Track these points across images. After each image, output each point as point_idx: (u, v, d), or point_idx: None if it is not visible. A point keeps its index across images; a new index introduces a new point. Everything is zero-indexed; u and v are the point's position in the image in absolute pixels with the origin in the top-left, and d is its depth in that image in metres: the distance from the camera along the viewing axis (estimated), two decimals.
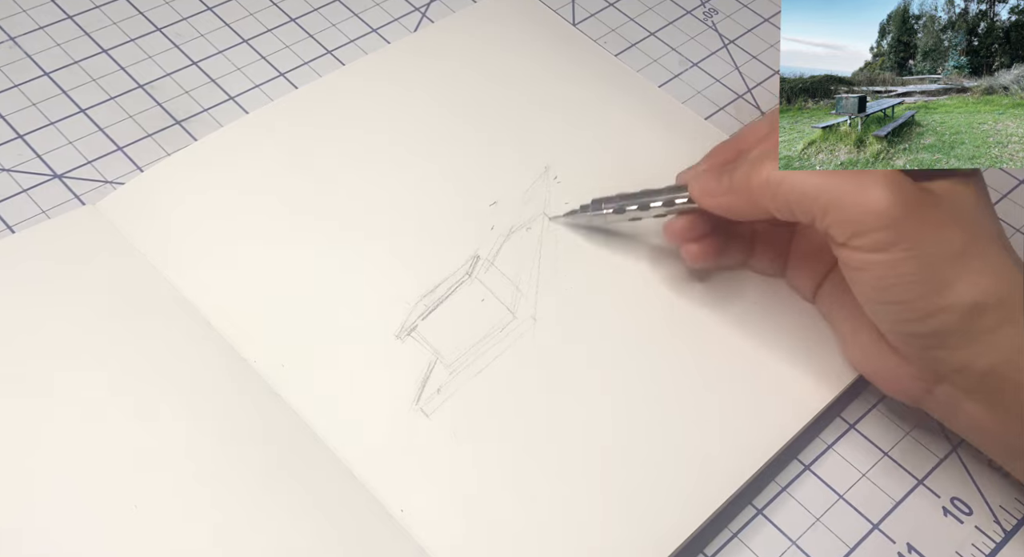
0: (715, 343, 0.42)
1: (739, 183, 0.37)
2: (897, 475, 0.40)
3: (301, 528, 0.36)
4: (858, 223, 0.34)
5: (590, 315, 0.42)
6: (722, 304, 0.43)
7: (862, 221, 0.34)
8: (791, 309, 0.43)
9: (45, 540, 0.35)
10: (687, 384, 0.41)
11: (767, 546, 0.38)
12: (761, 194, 0.36)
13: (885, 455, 0.41)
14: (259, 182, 0.45)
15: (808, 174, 0.35)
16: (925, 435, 0.42)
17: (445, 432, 0.39)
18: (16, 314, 0.40)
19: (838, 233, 0.35)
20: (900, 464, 0.41)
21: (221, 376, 0.39)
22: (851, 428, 0.42)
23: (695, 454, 0.39)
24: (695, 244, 0.41)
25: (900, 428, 0.42)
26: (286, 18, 0.54)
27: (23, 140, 0.47)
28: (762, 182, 0.36)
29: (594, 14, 0.56)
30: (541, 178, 0.47)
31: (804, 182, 0.35)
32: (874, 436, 0.41)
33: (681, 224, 0.41)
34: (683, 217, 0.41)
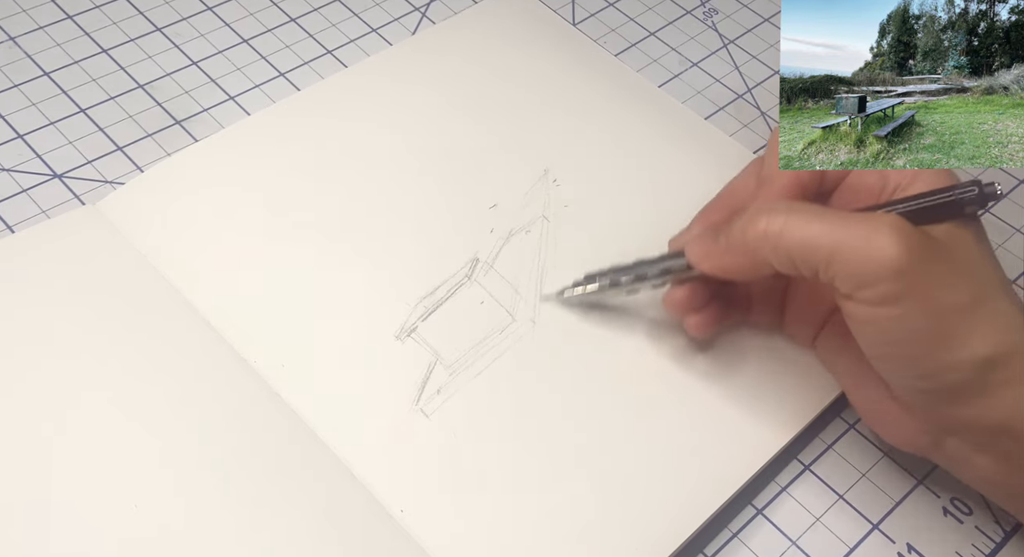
0: (716, 342, 0.42)
1: (737, 240, 0.35)
2: (897, 475, 0.40)
3: (301, 528, 0.36)
4: (864, 274, 0.32)
5: (589, 318, 0.42)
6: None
7: (869, 272, 0.32)
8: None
9: (45, 539, 0.35)
10: (687, 384, 0.41)
11: (767, 546, 0.38)
12: (761, 248, 0.35)
13: (885, 455, 0.41)
14: (259, 182, 0.45)
15: (809, 222, 0.33)
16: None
17: (445, 432, 0.39)
18: (16, 314, 0.40)
19: (843, 285, 0.33)
20: (900, 464, 0.41)
21: (221, 376, 0.39)
22: (851, 428, 0.42)
23: (695, 454, 0.39)
24: (697, 315, 0.39)
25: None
26: (286, 18, 0.54)
27: (23, 140, 0.47)
28: (760, 236, 0.34)
29: (594, 14, 0.56)
30: (541, 181, 0.47)
31: (805, 231, 0.33)
32: (874, 436, 0.41)
33: (681, 295, 0.39)
34: (682, 287, 0.39)
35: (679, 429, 0.39)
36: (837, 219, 0.33)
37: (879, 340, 0.34)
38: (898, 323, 0.33)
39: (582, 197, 0.46)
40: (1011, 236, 0.48)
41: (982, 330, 0.33)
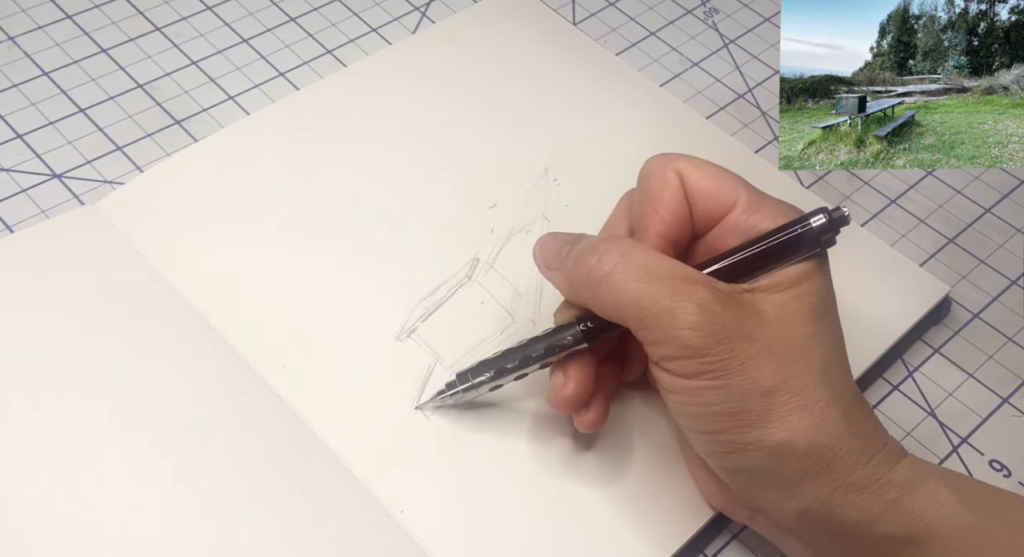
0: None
1: (569, 266, 0.35)
2: None
3: (301, 528, 0.36)
4: (665, 346, 0.32)
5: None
6: None
7: (668, 345, 0.32)
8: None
9: (45, 539, 0.35)
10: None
11: (767, 546, 0.38)
12: (583, 288, 0.34)
13: None
14: (259, 183, 0.45)
15: (629, 281, 0.33)
16: (925, 435, 0.42)
17: (445, 433, 0.39)
18: (16, 314, 0.40)
19: (651, 352, 0.33)
20: None
21: (221, 376, 0.39)
22: None
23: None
24: (588, 411, 0.37)
25: (901, 428, 0.42)
26: (286, 18, 0.54)
27: (23, 140, 0.47)
28: (584, 276, 0.34)
29: (594, 14, 0.56)
30: (541, 180, 0.47)
31: (622, 291, 0.33)
32: None
33: (569, 394, 0.36)
34: (568, 385, 0.36)
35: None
36: (657, 284, 0.32)
37: (680, 410, 0.34)
38: (695, 397, 0.32)
39: (582, 197, 0.46)
40: (1012, 236, 0.48)
41: (780, 414, 0.32)
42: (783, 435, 0.32)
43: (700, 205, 0.36)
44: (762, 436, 0.32)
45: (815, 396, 0.32)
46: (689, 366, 0.32)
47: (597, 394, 0.37)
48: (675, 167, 0.36)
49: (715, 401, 0.32)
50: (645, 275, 0.33)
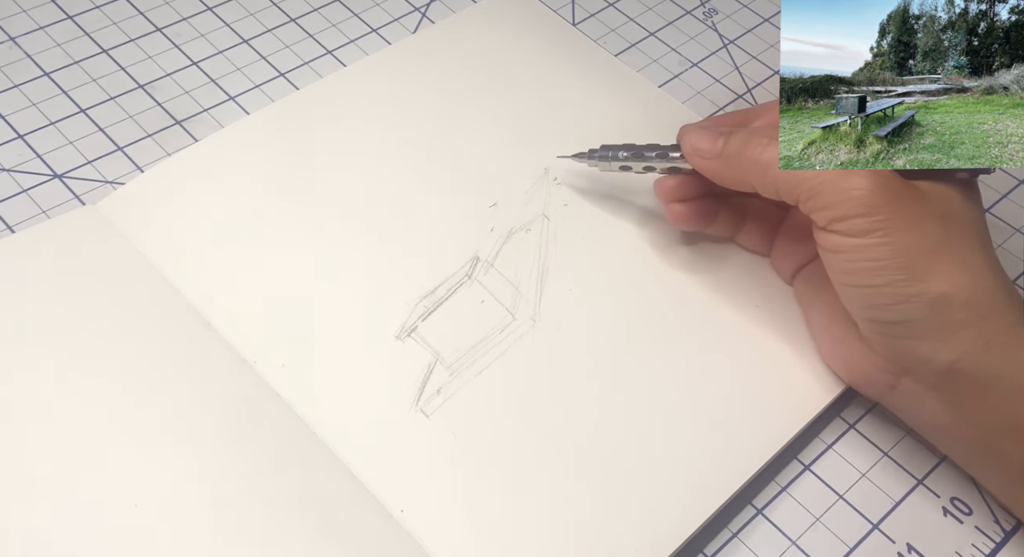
0: (716, 344, 0.42)
1: (732, 151, 0.38)
2: (897, 475, 0.40)
3: (301, 528, 0.36)
4: (838, 208, 0.35)
5: (590, 316, 0.42)
6: (723, 307, 0.43)
7: (842, 206, 0.35)
8: (791, 314, 0.43)
9: (45, 539, 0.35)
10: (687, 384, 0.41)
11: (767, 546, 0.38)
12: (751, 169, 0.37)
13: (885, 455, 0.41)
14: (259, 182, 0.45)
15: None
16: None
17: (445, 432, 0.39)
18: (16, 314, 0.40)
19: (820, 217, 0.36)
20: (900, 464, 0.41)
21: (221, 376, 0.39)
22: (851, 428, 0.42)
23: (695, 454, 0.39)
24: (681, 205, 0.42)
25: (900, 428, 0.42)
26: (286, 18, 0.54)
27: (23, 140, 0.47)
28: (754, 158, 0.37)
29: (594, 14, 0.56)
30: (541, 179, 0.47)
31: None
32: (874, 436, 0.41)
33: (671, 184, 0.41)
34: (675, 177, 0.41)
35: (679, 429, 0.39)
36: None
37: (844, 269, 0.36)
38: (863, 253, 0.35)
39: (582, 196, 0.46)
40: (1011, 236, 0.48)
41: (943, 270, 0.35)
42: (944, 287, 0.34)
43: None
44: (925, 289, 0.35)
45: (975, 259, 0.35)
46: (861, 224, 0.35)
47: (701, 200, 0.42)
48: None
49: (884, 256, 0.35)
50: None
